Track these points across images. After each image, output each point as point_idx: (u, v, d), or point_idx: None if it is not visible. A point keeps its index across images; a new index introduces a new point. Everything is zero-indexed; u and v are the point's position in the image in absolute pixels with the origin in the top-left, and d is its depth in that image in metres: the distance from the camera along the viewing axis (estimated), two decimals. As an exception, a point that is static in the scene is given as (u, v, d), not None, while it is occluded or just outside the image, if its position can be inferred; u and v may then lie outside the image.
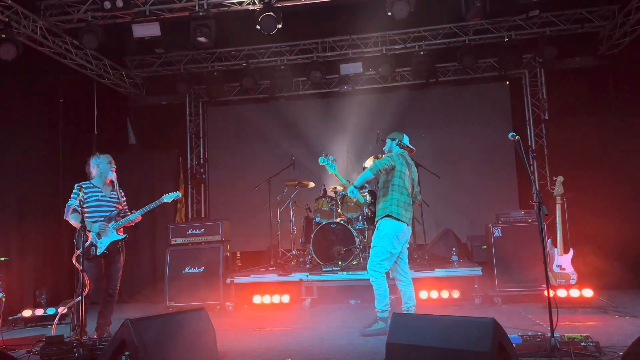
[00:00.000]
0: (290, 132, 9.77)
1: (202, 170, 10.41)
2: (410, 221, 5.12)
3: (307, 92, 10.13)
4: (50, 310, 6.50)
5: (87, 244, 5.01)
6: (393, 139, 5.37)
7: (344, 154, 9.23)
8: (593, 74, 8.99)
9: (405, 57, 9.17)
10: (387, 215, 5.00)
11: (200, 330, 4.23)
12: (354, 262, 7.40)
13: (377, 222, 5.15)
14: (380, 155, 7.82)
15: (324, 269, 7.12)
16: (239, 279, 7.21)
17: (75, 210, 5.03)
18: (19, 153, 7.46)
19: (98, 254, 5.11)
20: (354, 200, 7.68)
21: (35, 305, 6.60)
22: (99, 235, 5.13)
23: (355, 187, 5.14)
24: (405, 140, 5.36)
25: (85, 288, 4.66)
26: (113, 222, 5.21)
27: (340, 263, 7.19)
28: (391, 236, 4.98)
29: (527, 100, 9.55)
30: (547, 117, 9.24)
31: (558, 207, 6.09)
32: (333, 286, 7.08)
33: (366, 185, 7.62)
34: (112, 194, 5.33)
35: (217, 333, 4.36)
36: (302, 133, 9.72)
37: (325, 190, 8.20)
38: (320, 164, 5.49)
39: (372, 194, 5.33)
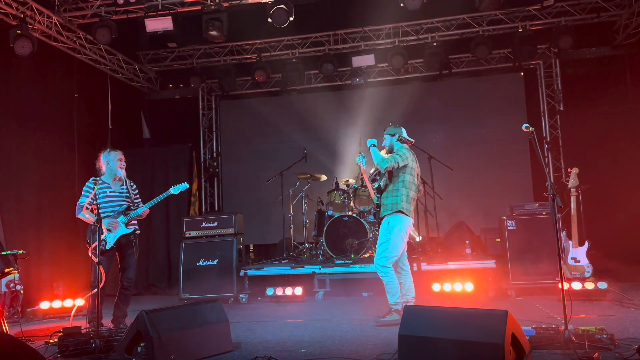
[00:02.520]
0: (302, 125, 9.78)
1: (215, 163, 10.48)
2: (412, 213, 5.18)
3: (319, 85, 10.12)
4: (68, 303, 6.61)
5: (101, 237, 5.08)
6: (392, 135, 5.31)
7: (355, 147, 9.20)
8: (609, 64, 8.86)
9: (418, 49, 9.10)
10: (398, 211, 5.00)
11: (215, 321, 4.28)
12: (367, 255, 7.40)
13: (385, 217, 5.12)
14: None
15: (337, 262, 7.14)
16: (252, 272, 7.26)
17: (86, 209, 5.07)
18: (35, 148, 7.56)
19: (107, 248, 5.17)
20: (367, 193, 7.69)
21: (53, 298, 6.71)
22: (109, 230, 5.19)
23: (372, 144, 5.27)
24: (404, 134, 5.32)
25: (101, 280, 4.73)
26: (122, 217, 5.26)
27: (352, 256, 7.20)
28: (403, 232, 5.02)
29: (542, 92, 9.43)
30: (562, 109, 9.13)
31: (573, 199, 6.02)
32: (346, 279, 7.11)
33: (377, 177, 7.64)
34: (122, 189, 5.38)
35: (231, 325, 4.40)
36: (314, 126, 9.72)
37: (337, 183, 8.20)
38: (357, 162, 5.54)
39: (379, 190, 5.28)
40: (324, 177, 8.53)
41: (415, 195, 5.19)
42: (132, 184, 5.47)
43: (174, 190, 5.42)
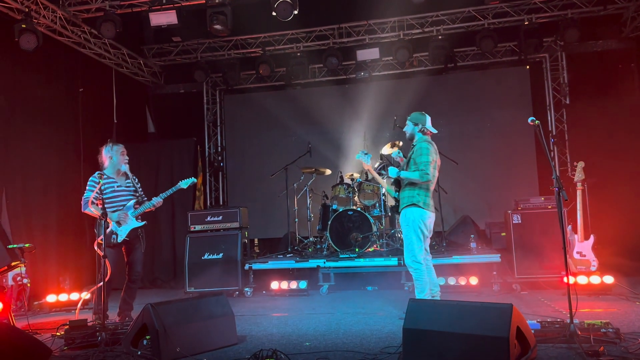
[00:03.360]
0: (306, 119, 9.77)
1: (219, 158, 10.49)
2: (433, 209, 4.96)
3: (323, 79, 10.09)
4: (74, 296, 6.66)
5: (107, 231, 5.10)
6: (415, 124, 4.97)
7: (360, 141, 9.19)
8: (616, 57, 8.79)
9: (423, 42, 9.06)
10: (413, 205, 4.81)
11: (220, 314, 4.30)
12: (371, 249, 7.41)
13: (403, 211, 4.91)
14: (397, 142, 7.81)
15: (341, 256, 7.15)
16: (257, 266, 7.28)
17: (92, 203, 5.07)
18: (41, 142, 7.59)
19: (119, 241, 5.20)
20: (371, 187, 7.69)
21: (59, 291, 6.76)
22: (118, 223, 5.21)
23: (394, 176, 4.92)
24: (429, 124, 4.99)
25: (106, 274, 4.75)
26: (132, 210, 5.28)
27: (357, 250, 7.20)
28: (419, 224, 4.80)
29: (548, 85, 9.37)
30: (568, 102, 9.07)
31: (579, 193, 5.99)
32: (350, 273, 7.11)
33: (382, 172, 7.63)
34: (128, 183, 5.39)
35: (236, 318, 4.41)
36: (318, 120, 9.70)
37: (342, 178, 8.19)
38: (357, 159, 5.28)
39: (397, 183, 5.08)
40: (328, 172, 8.53)
41: (434, 187, 5.00)
42: (135, 178, 5.49)
43: (183, 184, 5.45)
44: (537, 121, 4.25)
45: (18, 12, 7.05)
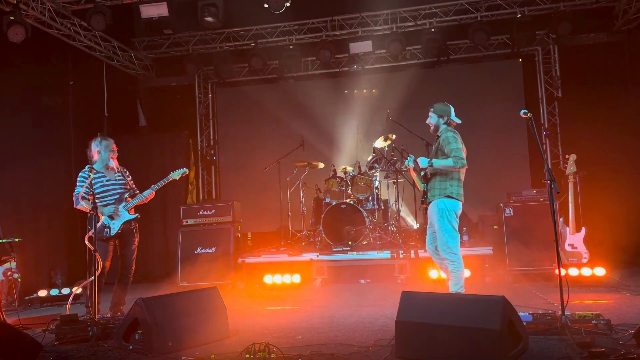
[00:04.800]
0: (299, 112, 9.71)
1: (212, 151, 10.43)
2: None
3: (316, 72, 10.04)
4: (65, 290, 6.62)
5: (99, 225, 5.06)
6: (440, 116, 4.94)
7: (353, 134, 9.17)
8: (608, 50, 8.79)
9: (415, 35, 9.02)
10: (447, 196, 4.76)
11: (212, 308, 4.28)
12: (364, 243, 7.40)
13: (433, 202, 4.82)
14: (390, 135, 7.79)
15: (334, 249, 7.15)
16: (250, 259, 7.27)
17: (83, 198, 5.04)
18: (31, 136, 7.52)
19: (112, 235, 5.16)
20: (365, 180, 7.68)
21: (51, 286, 6.72)
22: (111, 217, 5.17)
23: (427, 166, 4.82)
24: (453, 115, 4.97)
25: (97, 268, 4.72)
26: (124, 203, 5.24)
27: (350, 243, 7.20)
28: (453, 215, 4.75)
29: (540, 78, 9.38)
30: (560, 95, 9.08)
31: (570, 185, 6.02)
32: (343, 266, 7.12)
33: (375, 165, 7.63)
34: (117, 176, 5.34)
35: (229, 312, 4.40)
36: (311, 113, 9.65)
37: (335, 171, 8.17)
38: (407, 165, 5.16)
39: (425, 178, 4.97)
40: (321, 165, 8.51)
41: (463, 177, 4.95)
42: (125, 170, 5.44)
43: (175, 174, 5.40)
44: (529, 114, 4.25)
45: (6, 3, 6.93)
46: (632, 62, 8.55)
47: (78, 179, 5.15)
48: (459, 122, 5.03)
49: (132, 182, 5.47)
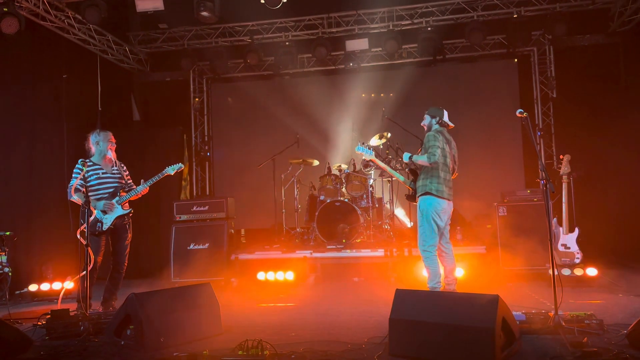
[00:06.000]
0: (294, 109, 9.69)
1: (206, 147, 10.38)
2: (451, 197, 5.13)
3: (312, 69, 10.01)
4: (56, 285, 6.56)
5: (92, 219, 5.02)
6: (433, 116, 5.24)
7: (348, 132, 9.16)
8: (603, 51, 8.82)
9: (412, 34, 9.00)
10: (427, 193, 5.01)
11: (205, 304, 4.25)
12: (358, 240, 7.41)
13: (419, 199, 5.11)
14: (385, 134, 7.79)
15: (328, 247, 7.14)
16: (243, 256, 7.25)
17: (77, 190, 5.00)
18: (23, 128, 7.45)
19: (104, 229, 5.12)
20: (359, 178, 7.68)
21: (42, 280, 6.65)
22: (104, 211, 5.12)
23: (407, 160, 5.18)
24: (446, 118, 5.25)
25: (90, 263, 4.68)
26: (117, 197, 5.20)
27: (344, 241, 7.20)
28: (431, 212, 4.99)
29: (535, 78, 9.39)
30: (555, 96, 9.11)
31: (564, 186, 6.04)
32: (337, 264, 7.12)
33: (371, 163, 7.62)
34: (114, 170, 5.31)
35: (222, 308, 4.38)
36: (306, 110, 9.62)
37: (329, 169, 8.17)
38: (358, 152, 5.44)
39: (414, 172, 5.26)
40: (316, 162, 8.49)
41: (450, 177, 5.16)
42: (122, 165, 5.40)
43: (170, 170, 5.36)
44: (525, 113, 4.25)
45: (0, -6, 6.86)
46: (627, 63, 8.59)
47: (74, 170, 5.10)
48: (452, 125, 5.29)
49: (128, 177, 5.43)
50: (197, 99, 9.83)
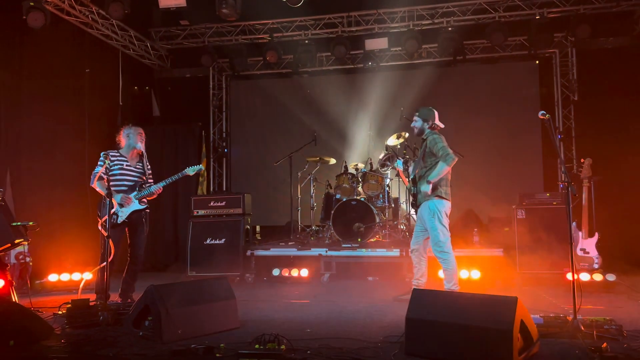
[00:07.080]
0: (312, 107, 9.71)
1: (224, 144, 10.45)
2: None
3: (330, 67, 10.02)
4: (76, 276, 6.67)
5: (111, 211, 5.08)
6: (425, 120, 5.19)
7: (365, 131, 9.14)
8: (627, 54, 8.67)
9: (432, 33, 8.96)
10: (437, 196, 5.02)
11: (222, 298, 4.29)
12: (373, 240, 7.40)
13: (424, 203, 5.08)
14: (403, 134, 7.76)
15: (344, 245, 7.14)
16: (259, 252, 7.28)
17: (101, 178, 5.09)
18: (46, 122, 7.57)
19: (119, 222, 5.18)
20: (376, 177, 7.66)
21: (61, 271, 6.76)
22: (121, 204, 5.19)
23: (429, 182, 5.00)
24: (437, 119, 5.22)
25: (110, 254, 4.75)
26: (136, 192, 5.26)
27: (359, 240, 7.19)
28: (443, 214, 5.04)
29: (557, 81, 9.29)
30: (576, 99, 8.99)
31: (585, 189, 5.98)
32: (352, 262, 7.12)
33: (387, 163, 7.59)
34: (138, 165, 5.38)
35: (238, 303, 4.40)
36: (324, 109, 9.65)
37: (346, 167, 8.16)
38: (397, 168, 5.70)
39: (414, 182, 5.27)
40: (333, 161, 8.50)
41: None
42: (148, 164, 5.46)
43: (190, 170, 5.39)
44: (547, 115, 4.22)
45: (26, -11, 6.98)
46: (651, 67, 8.44)
47: (99, 158, 5.18)
48: (442, 126, 5.27)
49: (150, 175, 5.48)
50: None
